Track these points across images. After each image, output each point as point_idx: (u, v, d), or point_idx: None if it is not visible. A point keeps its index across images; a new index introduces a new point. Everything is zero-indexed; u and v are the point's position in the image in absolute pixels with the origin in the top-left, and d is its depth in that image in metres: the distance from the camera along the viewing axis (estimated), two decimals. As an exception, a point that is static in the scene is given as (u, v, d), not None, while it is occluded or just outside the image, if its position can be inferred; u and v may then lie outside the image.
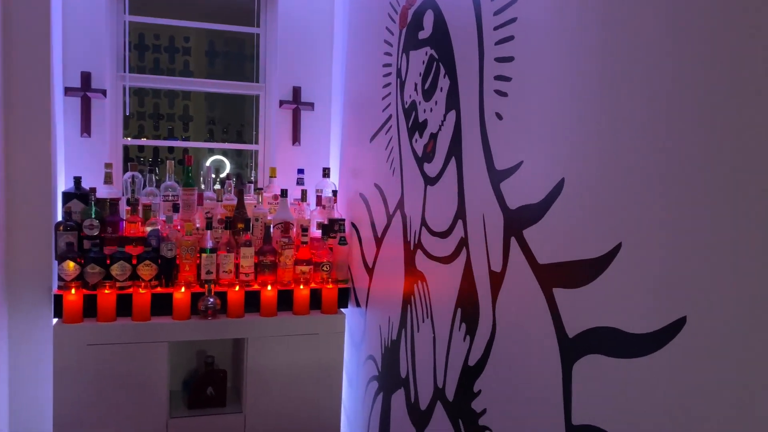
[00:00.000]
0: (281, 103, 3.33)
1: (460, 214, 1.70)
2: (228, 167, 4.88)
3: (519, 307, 1.39)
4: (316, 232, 3.00)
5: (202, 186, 3.13)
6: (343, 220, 2.97)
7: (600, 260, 1.09)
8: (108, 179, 2.87)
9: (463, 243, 1.69)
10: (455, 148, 1.74)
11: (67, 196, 2.74)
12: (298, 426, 2.80)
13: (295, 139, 3.35)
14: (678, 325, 0.92)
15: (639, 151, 1.00)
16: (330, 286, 2.86)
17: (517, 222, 1.39)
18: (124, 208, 2.88)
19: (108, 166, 2.90)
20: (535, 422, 1.31)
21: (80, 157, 3.06)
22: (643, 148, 0.99)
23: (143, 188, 2.98)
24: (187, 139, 5.87)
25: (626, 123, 1.03)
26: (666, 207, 0.94)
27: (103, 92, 3.03)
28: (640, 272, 1.00)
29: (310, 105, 3.36)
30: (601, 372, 1.09)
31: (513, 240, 1.41)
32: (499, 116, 1.48)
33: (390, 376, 2.34)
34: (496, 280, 1.49)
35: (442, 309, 1.84)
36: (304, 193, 3.06)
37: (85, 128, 3.04)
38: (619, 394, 1.04)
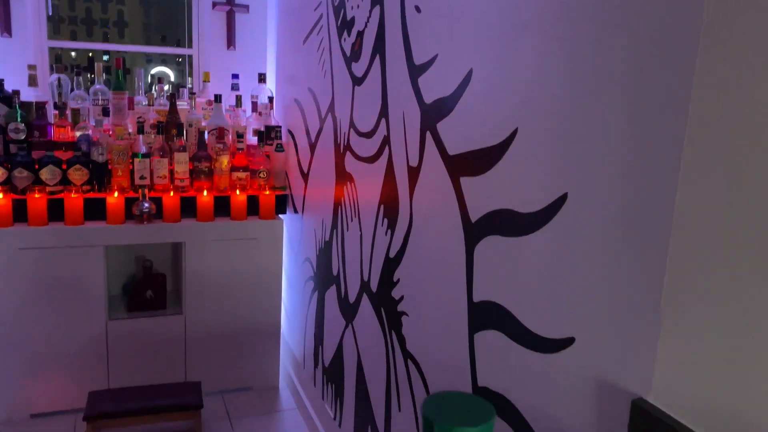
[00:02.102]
0: (214, 4, 3.21)
1: (384, 112, 1.74)
2: (172, 78, 4.74)
3: (432, 198, 1.46)
4: (253, 140, 2.99)
5: (136, 92, 3.04)
6: (280, 127, 2.97)
7: (499, 147, 1.16)
8: (32, 82, 2.77)
9: (386, 141, 1.73)
10: (379, 46, 1.75)
11: (-12, 99, 2.64)
12: (240, 326, 2.90)
13: (230, 43, 3.27)
14: (560, 201, 1.00)
15: (538, 49, 1.05)
16: (267, 192, 2.89)
17: (432, 116, 1.43)
18: (51, 113, 2.80)
19: (31, 67, 2.79)
20: (443, 302, 1.41)
21: (2, 60, 2.92)
22: (542, 45, 1.04)
23: (71, 92, 2.89)
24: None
25: (529, 24, 1.07)
26: (557, 95, 1.00)
27: (22, -12, 2.86)
28: (532, 156, 1.07)
29: (245, 7, 3.25)
30: (498, 251, 1.18)
31: (428, 134, 1.46)
32: (417, 9, 1.49)
33: (324, 275, 2.42)
34: (414, 174, 1.55)
35: (368, 207, 1.90)
36: (239, 98, 3.02)
37: (5, 27, 2.89)
38: (511, 271, 1.13)
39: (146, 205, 2.67)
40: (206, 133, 2.85)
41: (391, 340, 1.74)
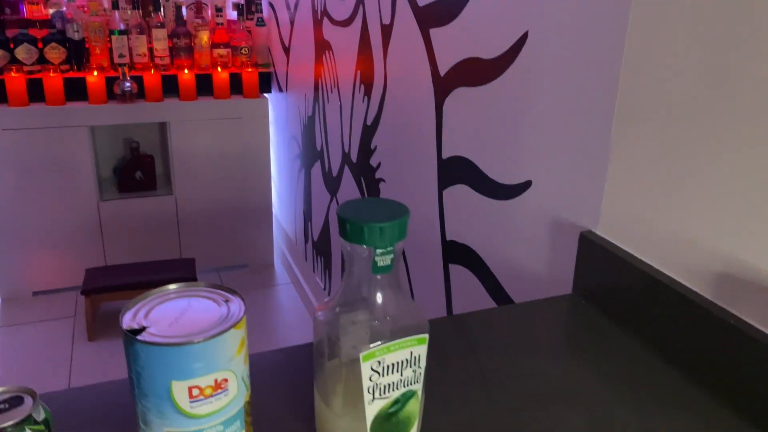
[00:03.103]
0: None
1: (358, -30, 1.66)
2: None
3: (404, 56, 1.42)
4: (233, 14, 2.88)
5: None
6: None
7: (465, -8, 1.11)
8: (-3, -46, 2.63)
9: (360, 1, 1.66)
10: None
11: (-48, -27, 2.52)
12: (232, 206, 2.93)
13: None
14: (521, 41, 0.97)
15: None
16: (250, 69, 2.82)
17: (403, -32, 1.36)
18: (21, -11, 2.68)
19: (-5, -61, 2.63)
20: (416, 162, 1.41)
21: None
22: None
23: (40, -34, 2.75)
24: None
25: None
26: None
27: None
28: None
29: None
30: (465, 103, 1.16)
31: (400, -12, 1.39)
32: None
33: (309, 151, 2.42)
34: (387, 32, 1.50)
35: (346, 76, 1.86)
36: (217, -30, 2.88)
37: None
38: (476, 123, 1.12)
39: (127, 84, 2.62)
40: (184, 8, 2.74)
41: (370, 206, 1.76)
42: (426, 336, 0.51)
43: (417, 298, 1.47)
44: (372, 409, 0.50)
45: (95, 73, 2.57)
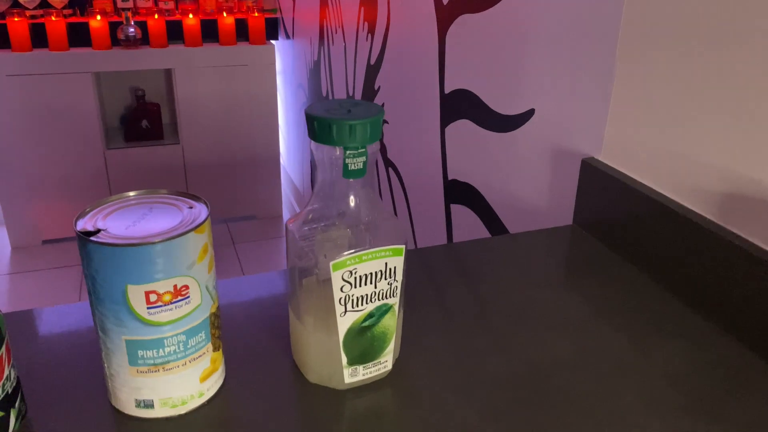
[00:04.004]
0: None
1: None
2: None
3: (407, -11, 1.36)
4: (239, -43, 2.80)
5: None
6: (267, -58, 2.76)
7: None
8: None
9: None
10: None
11: None
12: (239, 155, 2.90)
13: None
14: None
15: None
16: (256, 14, 2.75)
17: None
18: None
19: None
20: (418, 99, 1.36)
21: None
22: None
23: None
24: None
25: None
26: None
27: None
28: None
29: None
30: (468, 31, 1.10)
31: None
32: None
33: (314, 98, 2.37)
34: (390, -35, 1.43)
35: (350, 13, 1.80)
36: None
37: None
38: (478, 52, 1.07)
39: (131, 29, 2.57)
40: (188, -51, 2.67)
41: (374, 150, 1.72)
42: (402, 247, 0.48)
43: (418, 240, 1.44)
44: (344, 322, 0.48)
45: (98, 17, 2.52)
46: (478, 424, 0.47)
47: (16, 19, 2.41)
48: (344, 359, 0.49)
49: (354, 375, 0.50)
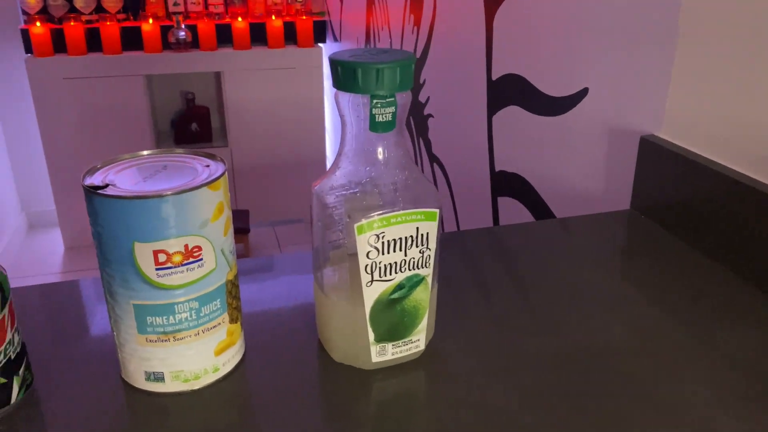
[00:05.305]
0: None
1: None
2: None
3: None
4: (288, -40, 2.82)
5: None
6: (315, -56, 2.77)
7: None
8: None
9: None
10: None
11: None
12: (286, 158, 2.90)
13: None
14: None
15: None
16: (304, 17, 2.75)
17: None
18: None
19: None
20: (463, 88, 1.31)
21: None
22: None
23: None
24: None
25: None
26: None
27: None
28: None
29: None
30: (517, 14, 1.05)
31: None
32: None
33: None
34: (436, -47, 1.39)
35: (395, 10, 1.76)
36: None
37: None
38: (527, 36, 1.01)
39: (182, 33, 2.61)
40: (238, -46, 2.70)
41: (419, 147, 1.67)
42: (436, 211, 0.43)
43: (464, 237, 1.39)
44: (371, 292, 0.43)
45: (150, 21, 2.57)
46: (518, 411, 0.42)
47: (72, 23, 2.48)
48: (371, 335, 0.44)
49: (382, 353, 0.45)
